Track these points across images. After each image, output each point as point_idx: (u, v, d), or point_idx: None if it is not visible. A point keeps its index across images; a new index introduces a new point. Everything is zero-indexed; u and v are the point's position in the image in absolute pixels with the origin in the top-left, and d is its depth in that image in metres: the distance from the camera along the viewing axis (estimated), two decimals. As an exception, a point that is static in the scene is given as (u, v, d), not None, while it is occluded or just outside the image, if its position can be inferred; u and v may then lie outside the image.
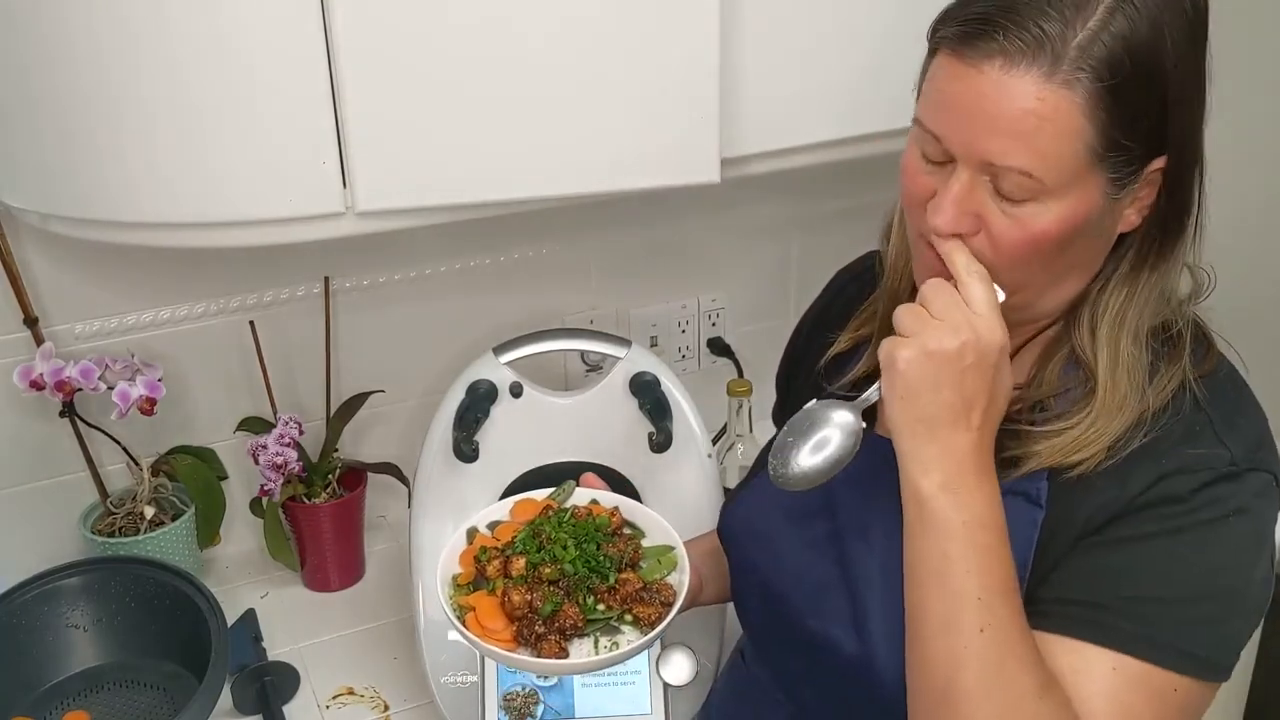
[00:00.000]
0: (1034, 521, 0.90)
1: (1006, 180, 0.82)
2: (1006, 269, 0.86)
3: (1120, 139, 0.81)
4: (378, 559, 1.59)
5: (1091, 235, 0.87)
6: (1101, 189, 0.83)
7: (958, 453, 0.84)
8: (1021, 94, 0.79)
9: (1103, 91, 0.79)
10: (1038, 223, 0.83)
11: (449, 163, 1.15)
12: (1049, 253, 0.85)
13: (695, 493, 1.33)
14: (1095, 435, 0.88)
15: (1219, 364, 0.93)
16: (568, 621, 0.98)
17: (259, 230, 1.14)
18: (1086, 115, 0.79)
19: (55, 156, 1.13)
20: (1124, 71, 0.79)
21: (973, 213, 0.85)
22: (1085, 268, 0.91)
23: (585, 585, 1.00)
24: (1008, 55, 0.79)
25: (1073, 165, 0.81)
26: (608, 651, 0.98)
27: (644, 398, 1.31)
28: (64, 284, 1.38)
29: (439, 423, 1.31)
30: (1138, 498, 0.87)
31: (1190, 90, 0.83)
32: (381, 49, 1.08)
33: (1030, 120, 0.79)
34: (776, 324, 1.77)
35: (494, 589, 1.00)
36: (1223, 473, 0.86)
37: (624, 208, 1.55)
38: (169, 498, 1.48)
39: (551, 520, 1.06)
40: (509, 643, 0.98)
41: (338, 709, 1.35)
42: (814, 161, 1.30)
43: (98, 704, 1.32)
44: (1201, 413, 0.89)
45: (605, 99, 1.16)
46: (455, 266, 1.56)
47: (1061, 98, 0.79)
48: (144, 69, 1.06)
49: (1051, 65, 0.79)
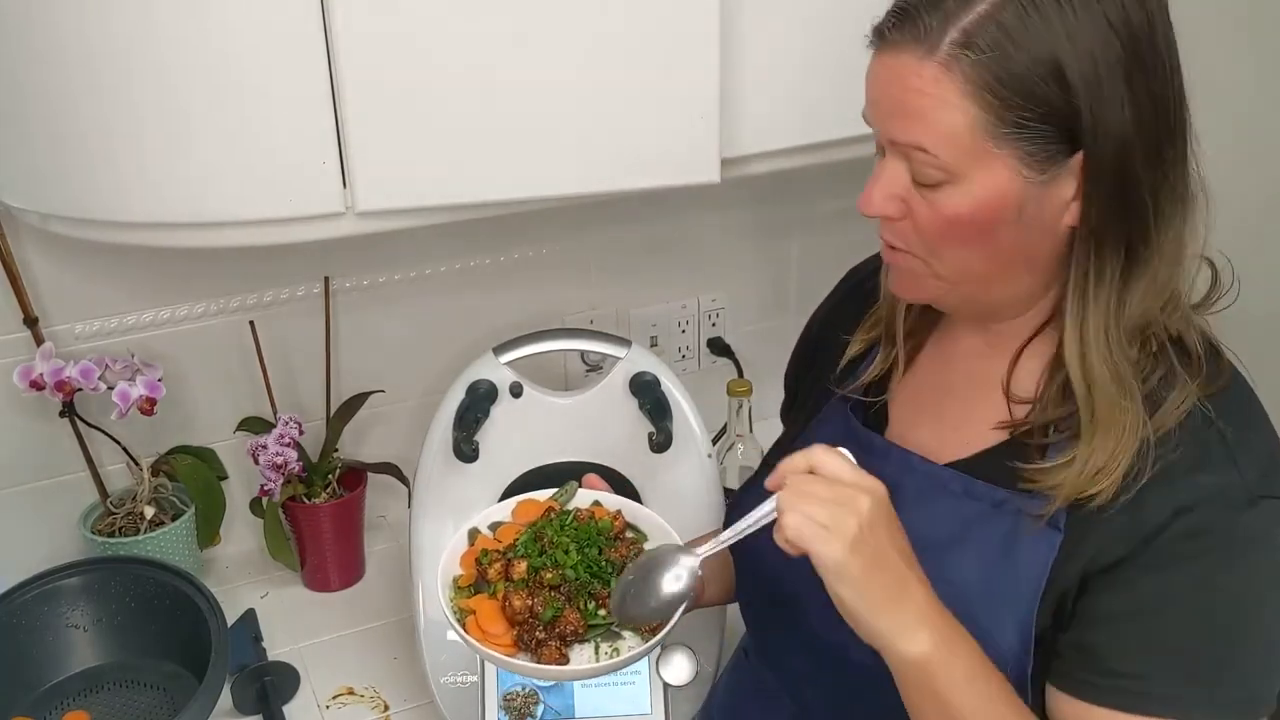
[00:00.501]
0: (1052, 546, 0.90)
1: (916, 163, 0.86)
2: (932, 254, 0.90)
3: (1019, 121, 0.82)
4: (378, 559, 1.59)
5: (1022, 224, 0.86)
6: (1013, 172, 0.84)
7: (924, 609, 0.86)
8: (907, 74, 0.84)
9: (987, 74, 0.81)
10: (950, 205, 0.86)
11: (449, 163, 1.15)
12: (970, 237, 0.87)
13: (695, 493, 1.33)
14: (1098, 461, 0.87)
15: (1232, 379, 0.92)
16: (568, 627, 0.97)
17: (259, 230, 1.14)
18: (969, 95, 0.82)
19: (54, 157, 1.13)
20: (1009, 59, 0.81)
21: (898, 198, 0.88)
22: (1031, 263, 0.90)
23: (586, 590, 0.99)
24: (899, 41, 0.85)
25: (968, 144, 0.83)
26: (608, 658, 0.97)
27: (644, 398, 1.31)
28: (64, 284, 1.38)
29: (439, 423, 1.31)
30: (1155, 537, 0.86)
31: (1111, 89, 0.82)
32: (381, 49, 1.08)
33: (914, 97, 0.84)
34: (776, 324, 1.78)
35: (495, 592, 1.00)
36: (1239, 504, 0.86)
37: (624, 208, 1.55)
38: (169, 498, 1.48)
39: (553, 523, 1.05)
40: (509, 647, 0.97)
41: (338, 709, 1.35)
42: (814, 161, 1.30)
43: (98, 704, 1.32)
44: (1213, 431, 0.88)
45: (605, 99, 1.16)
46: (455, 266, 1.56)
47: (942, 76, 0.82)
48: (146, 69, 1.06)
49: (931, 47, 0.82)
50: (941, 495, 0.96)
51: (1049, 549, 0.90)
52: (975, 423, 0.97)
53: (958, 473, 0.96)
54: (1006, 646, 0.91)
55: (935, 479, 0.97)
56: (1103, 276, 0.87)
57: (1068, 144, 0.83)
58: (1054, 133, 0.83)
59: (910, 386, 1.05)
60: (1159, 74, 0.84)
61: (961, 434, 0.98)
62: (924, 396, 1.03)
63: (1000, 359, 0.96)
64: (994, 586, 0.92)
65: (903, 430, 1.03)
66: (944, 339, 1.03)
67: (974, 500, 0.94)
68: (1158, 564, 0.86)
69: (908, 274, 0.94)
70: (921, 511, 0.96)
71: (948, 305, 0.97)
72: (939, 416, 1.01)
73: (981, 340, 0.98)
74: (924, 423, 1.02)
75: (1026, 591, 0.90)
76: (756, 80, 1.22)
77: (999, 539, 0.92)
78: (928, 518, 0.96)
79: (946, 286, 0.92)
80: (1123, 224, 0.86)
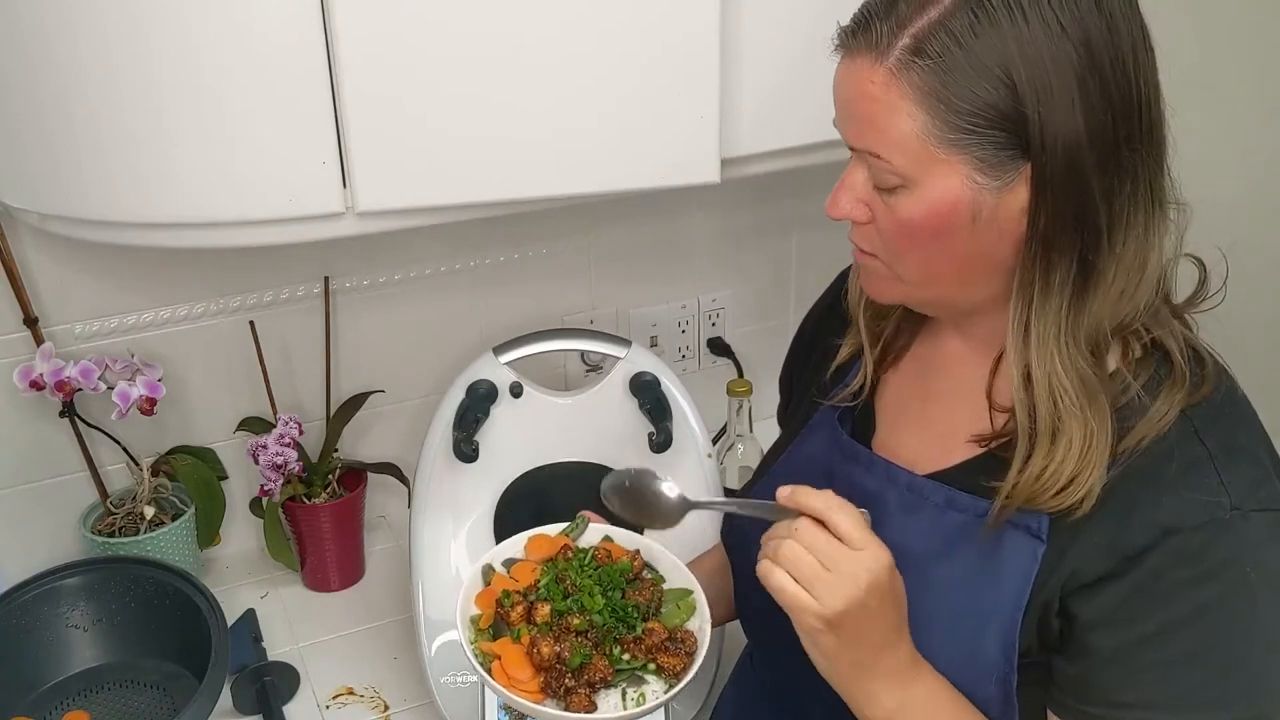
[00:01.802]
0: (1034, 555, 0.89)
1: (874, 168, 0.87)
2: (895, 258, 0.91)
3: (968, 127, 0.82)
4: (378, 559, 1.59)
5: (978, 230, 0.85)
6: (965, 178, 0.84)
7: (894, 670, 0.90)
8: (859, 79, 0.85)
9: (935, 81, 0.82)
10: (905, 210, 0.86)
11: (449, 163, 1.15)
12: (925, 242, 0.87)
13: (695, 493, 1.32)
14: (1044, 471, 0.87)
15: (1216, 385, 0.90)
16: (597, 675, 0.97)
17: (259, 230, 1.14)
18: (918, 102, 0.82)
19: (50, 157, 1.13)
20: (958, 66, 0.81)
21: (863, 202, 0.90)
22: (991, 270, 0.88)
23: (612, 635, 0.99)
24: (856, 47, 0.86)
25: (917, 150, 0.84)
26: (635, 705, 0.97)
27: (644, 398, 1.31)
28: (64, 284, 1.38)
29: (439, 423, 1.31)
30: (1141, 557, 0.85)
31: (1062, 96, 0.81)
32: (382, 49, 1.08)
33: (865, 103, 0.85)
34: (776, 324, 1.78)
35: (518, 636, 0.99)
36: (1228, 523, 0.85)
37: (624, 208, 1.55)
38: (169, 498, 1.48)
39: (573, 564, 1.04)
40: (536, 694, 0.97)
41: (338, 709, 1.35)
42: (814, 162, 1.30)
43: (98, 704, 1.32)
44: (1199, 445, 0.87)
45: (605, 99, 1.16)
46: (455, 266, 1.56)
47: (891, 82, 0.83)
48: (143, 68, 1.06)
49: (882, 53, 0.83)
50: (924, 507, 0.96)
51: (1031, 560, 0.89)
52: (958, 431, 0.96)
53: (939, 484, 0.96)
54: (991, 659, 0.91)
55: (917, 491, 0.97)
56: (1050, 284, 0.86)
57: (1020, 150, 0.83)
58: (1004, 139, 0.82)
59: (896, 392, 1.04)
60: (1120, 79, 0.82)
61: (945, 443, 0.97)
62: (909, 403, 1.03)
63: (983, 366, 0.95)
64: (977, 598, 0.92)
65: (888, 437, 1.03)
66: (929, 344, 1.03)
67: (956, 511, 0.94)
68: (1152, 591, 0.85)
69: (875, 276, 0.94)
70: (905, 523, 0.96)
71: (917, 306, 0.98)
72: (924, 424, 1.00)
73: (964, 345, 0.98)
74: (909, 430, 1.02)
75: (1009, 603, 0.90)
76: (756, 80, 1.22)
77: (981, 550, 0.92)
78: (911, 530, 0.96)
79: (911, 289, 0.93)
80: (1073, 232, 0.84)
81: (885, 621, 0.89)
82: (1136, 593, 0.85)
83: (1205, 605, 0.85)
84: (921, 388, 1.02)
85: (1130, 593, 0.86)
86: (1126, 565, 0.86)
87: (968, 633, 0.92)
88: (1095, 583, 0.87)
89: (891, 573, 0.88)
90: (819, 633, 0.88)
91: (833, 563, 0.87)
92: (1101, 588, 0.87)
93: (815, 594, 0.87)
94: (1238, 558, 0.85)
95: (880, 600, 0.87)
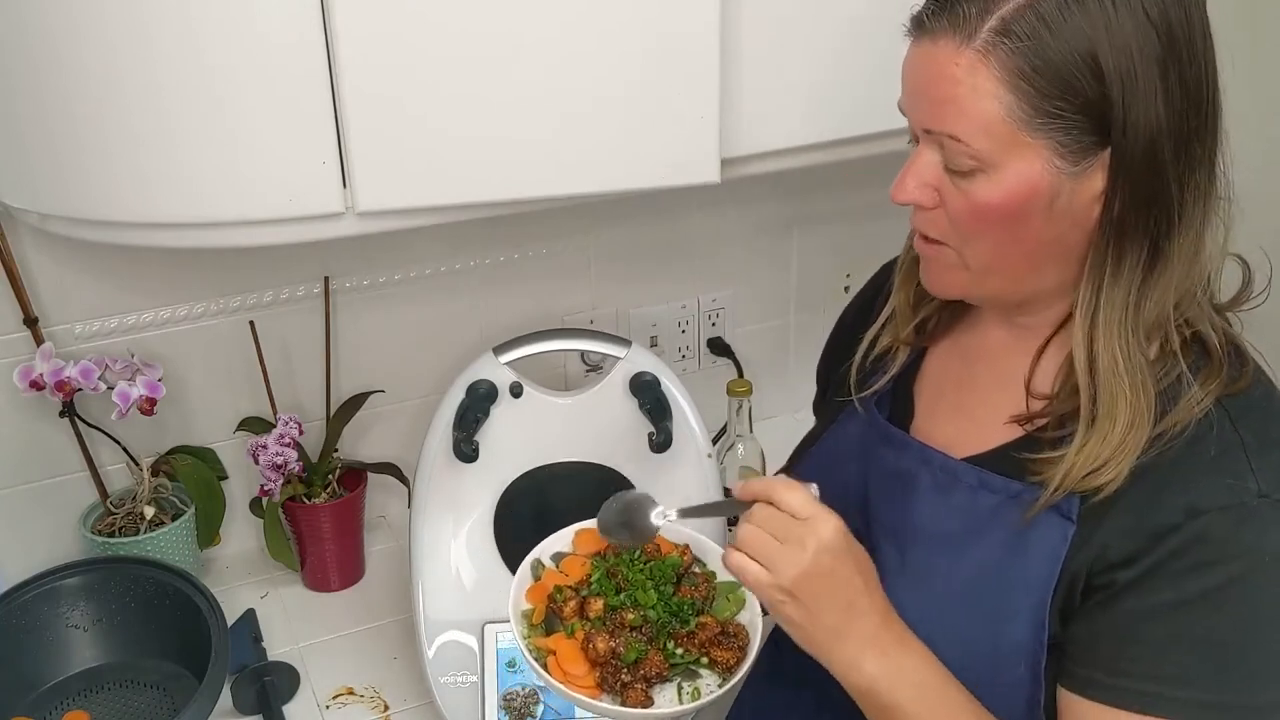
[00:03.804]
0: (1065, 537, 0.90)
1: (950, 151, 0.86)
2: (964, 244, 0.90)
3: (1053, 111, 0.82)
4: (378, 559, 1.59)
5: (1054, 216, 0.86)
6: (1045, 163, 0.84)
7: (870, 636, 0.91)
8: (944, 61, 0.84)
9: (1022, 63, 0.82)
10: (982, 194, 0.86)
11: (449, 163, 1.15)
12: (1000, 227, 0.87)
13: (695, 493, 1.33)
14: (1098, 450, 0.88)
15: (1255, 380, 0.91)
16: (653, 670, 0.98)
17: (259, 230, 1.14)
18: (1004, 83, 0.82)
19: (50, 157, 1.13)
20: (1046, 49, 0.81)
21: (932, 187, 0.89)
22: (1062, 256, 0.90)
23: (666, 630, 1.00)
24: (937, 29, 0.85)
25: (1001, 132, 0.83)
26: (691, 699, 0.98)
27: (644, 398, 1.31)
28: (64, 284, 1.38)
29: (439, 423, 1.31)
30: (1167, 536, 0.86)
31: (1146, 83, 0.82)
32: (381, 49, 1.08)
33: (946, 85, 0.84)
34: (776, 324, 1.78)
35: (572, 631, 1.00)
36: (1254, 510, 0.85)
37: (624, 208, 1.55)
38: (169, 498, 1.48)
39: (624, 559, 1.05)
40: (592, 689, 0.97)
41: (338, 709, 1.35)
42: (814, 162, 1.30)
43: (98, 704, 1.32)
44: (1233, 432, 0.88)
45: (606, 99, 1.16)
46: (455, 266, 1.56)
47: (978, 64, 0.83)
48: (143, 68, 1.06)
49: (969, 35, 0.83)
50: (956, 488, 0.97)
51: (1061, 540, 0.90)
52: (995, 418, 0.97)
53: (972, 466, 0.97)
54: (1020, 638, 0.91)
55: (950, 472, 0.98)
56: (1120, 269, 0.87)
57: (1101, 136, 0.83)
58: (1087, 124, 0.83)
59: (935, 378, 1.05)
60: (1194, 71, 0.84)
61: (982, 429, 0.98)
62: (948, 390, 1.04)
63: (1025, 355, 0.96)
64: (1007, 578, 0.92)
65: (925, 422, 1.04)
66: (971, 333, 1.03)
67: (989, 493, 0.95)
68: (1171, 568, 0.86)
69: (939, 266, 0.94)
70: (937, 503, 0.98)
71: (977, 298, 0.98)
72: (961, 410, 1.01)
73: (1008, 334, 0.99)
74: (946, 416, 1.03)
75: (1039, 583, 0.91)
76: (756, 80, 1.22)
77: (1012, 531, 0.93)
78: (943, 510, 0.97)
79: (976, 279, 0.93)
80: (1147, 219, 0.86)
81: (847, 583, 0.90)
82: (1156, 568, 0.86)
83: (1221, 587, 0.85)
84: (961, 374, 1.03)
85: (1151, 568, 0.86)
86: (1151, 543, 0.86)
87: (998, 613, 0.92)
88: (1124, 562, 0.87)
89: (843, 536, 0.90)
90: (781, 604, 0.90)
91: (782, 534, 0.90)
92: (1127, 565, 0.87)
93: (771, 566, 0.90)
94: (1261, 543, 0.85)
95: (834, 561, 0.89)
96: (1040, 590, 0.91)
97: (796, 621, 0.91)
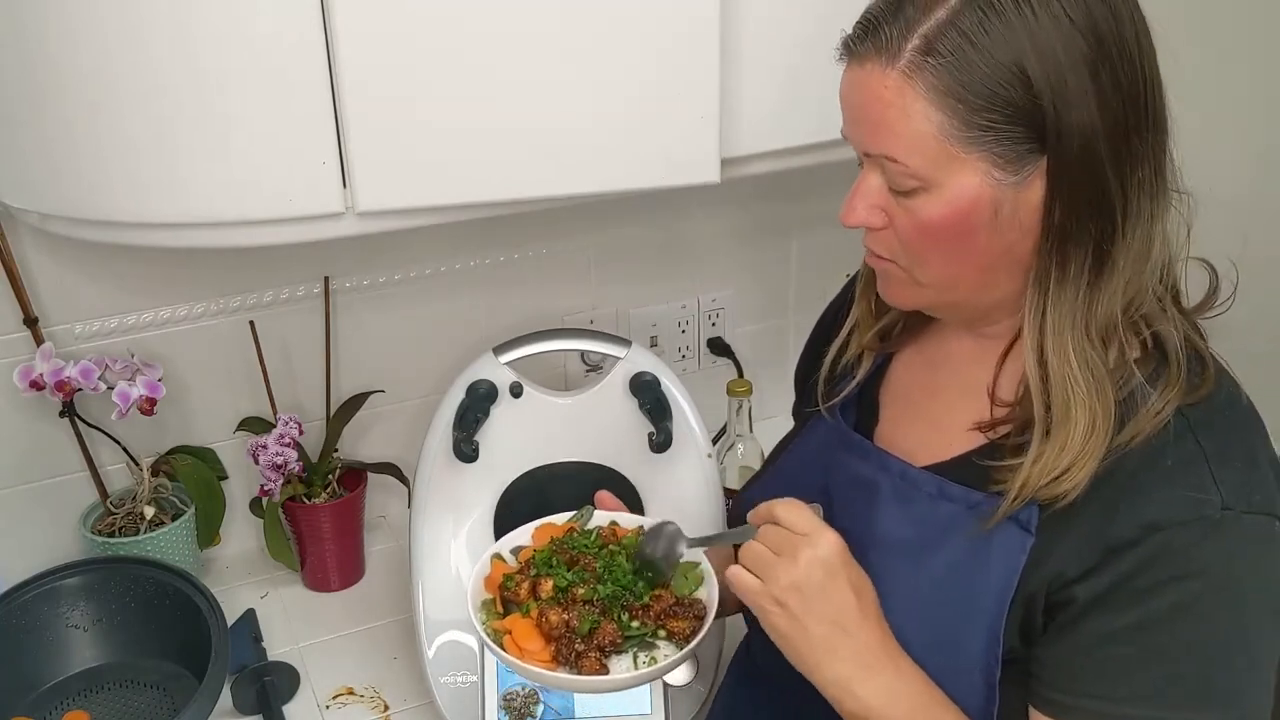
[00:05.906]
0: (1023, 548, 0.89)
1: (890, 172, 0.87)
2: (915, 262, 0.90)
3: (985, 124, 0.82)
4: (378, 559, 1.59)
5: (999, 228, 0.86)
6: (984, 176, 0.84)
7: (864, 653, 0.91)
8: (873, 84, 0.85)
9: (949, 80, 0.82)
10: (926, 212, 0.86)
11: (449, 163, 1.15)
12: (948, 243, 0.87)
13: (695, 493, 1.33)
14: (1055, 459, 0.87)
15: (1217, 386, 0.90)
16: (606, 638, 0.98)
17: (259, 230, 1.14)
18: (933, 102, 0.82)
19: (50, 158, 1.13)
20: (971, 64, 0.81)
21: (879, 208, 0.90)
22: (1014, 266, 0.89)
23: (619, 603, 1.00)
24: (864, 53, 0.86)
25: (936, 150, 0.84)
26: (647, 666, 0.98)
27: (644, 398, 1.31)
28: (64, 284, 1.38)
29: (439, 423, 1.31)
30: (1124, 551, 0.85)
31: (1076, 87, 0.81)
32: (381, 49, 1.08)
33: (878, 108, 0.85)
34: (776, 324, 1.78)
35: (527, 611, 1.00)
36: (1213, 523, 0.84)
37: (624, 208, 1.55)
38: (169, 498, 1.48)
39: (578, 541, 1.06)
40: (549, 663, 0.98)
41: (338, 709, 1.35)
42: (814, 162, 1.30)
43: (98, 704, 1.32)
44: (1194, 443, 0.87)
45: (605, 99, 1.16)
46: (455, 266, 1.56)
47: (904, 85, 0.83)
48: (142, 68, 1.06)
49: (893, 56, 0.83)
50: (916, 497, 0.97)
51: (1020, 551, 0.89)
52: (959, 425, 0.97)
53: (932, 475, 0.96)
54: (975, 650, 0.91)
55: (910, 481, 0.98)
56: (1065, 273, 0.87)
57: (1037, 144, 0.83)
58: (1021, 133, 0.83)
59: (901, 386, 1.05)
60: (1128, 67, 0.83)
61: (946, 435, 0.98)
62: (913, 396, 1.03)
63: (988, 362, 0.96)
64: (964, 588, 0.92)
65: (890, 429, 1.04)
66: (936, 340, 1.03)
67: (948, 502, 0.94)
68: (1134, 585, 0.85)
69: (894, 281, 0.94)
70: (897, 512, 0.97)
71: (937, 311, 0.98)
72: (926, 417, 1.01)
73: (972, 342, 0.98)
74: (911, 423, 1.02)
75: (996, 594, 0.90)
76: (756, 80, 1.22)
77: (971, 541, 0.92)
78: (903, 519, 0.97)
79: (932, 293, 0.93)
80: (1089, 221, 0.85)
81: (838, 599, 0.90)
82: (1117, 587, 0.85)
83: (1185, 604, 0.84)
84: (926, 381, 1.03)
85: (1111, 586, 0.85)
86: (1110, 558, 0.85)
87: (954, 622, 0.92)
88: (1082, 577, 0.87)
89: (839, 553, 0.91)
90: (770, 613, 0.91)
91: (779, 548, 0.91)
92: (1084, 581, 0.86)
93: (763, 575, 0.91)
94: (1224, 558, 0.84)
95: (826, 575, 0.89)
96: (997, 602, 0.90)
97: (784, 632, 0.91)
